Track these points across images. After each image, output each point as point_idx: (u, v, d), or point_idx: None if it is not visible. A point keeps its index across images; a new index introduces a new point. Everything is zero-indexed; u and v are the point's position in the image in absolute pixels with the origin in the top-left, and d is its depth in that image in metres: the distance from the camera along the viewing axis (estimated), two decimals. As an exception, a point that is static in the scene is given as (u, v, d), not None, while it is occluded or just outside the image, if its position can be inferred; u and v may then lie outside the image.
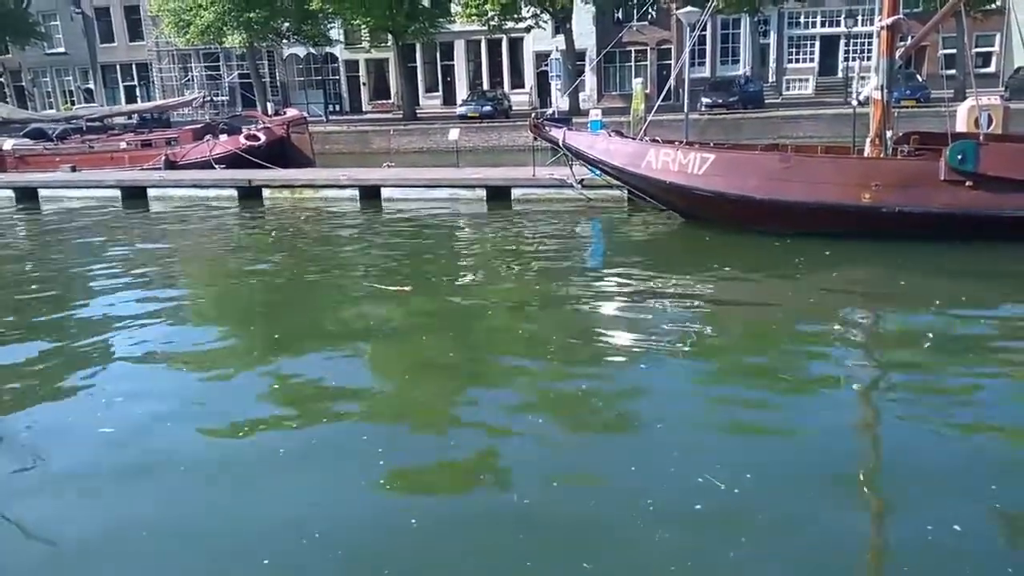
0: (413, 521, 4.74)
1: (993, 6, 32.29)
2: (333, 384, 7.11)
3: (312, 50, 43.88)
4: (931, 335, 8.17)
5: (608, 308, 9.58)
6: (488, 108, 36.06)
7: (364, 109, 46.83)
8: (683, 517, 4.74)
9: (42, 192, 20.81)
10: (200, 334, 8.93)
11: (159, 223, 17.30)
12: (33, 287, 11.64)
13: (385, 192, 17.84)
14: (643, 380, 7.00)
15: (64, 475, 5.56)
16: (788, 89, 42.89)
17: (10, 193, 20.91)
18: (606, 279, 11.20)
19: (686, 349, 7.85)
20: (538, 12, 36.04)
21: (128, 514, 5.02)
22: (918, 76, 35.04)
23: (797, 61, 43.55)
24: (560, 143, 14.15)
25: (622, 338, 8.35)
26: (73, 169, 22.67)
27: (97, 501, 5.23)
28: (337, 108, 46.23)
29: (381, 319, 9.18)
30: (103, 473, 5.58)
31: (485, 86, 43.67)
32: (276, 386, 7.08)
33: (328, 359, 7.82)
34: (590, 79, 41.09)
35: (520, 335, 8.52)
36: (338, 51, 45.83)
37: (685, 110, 20.01)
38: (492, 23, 35.74)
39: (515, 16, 35.73)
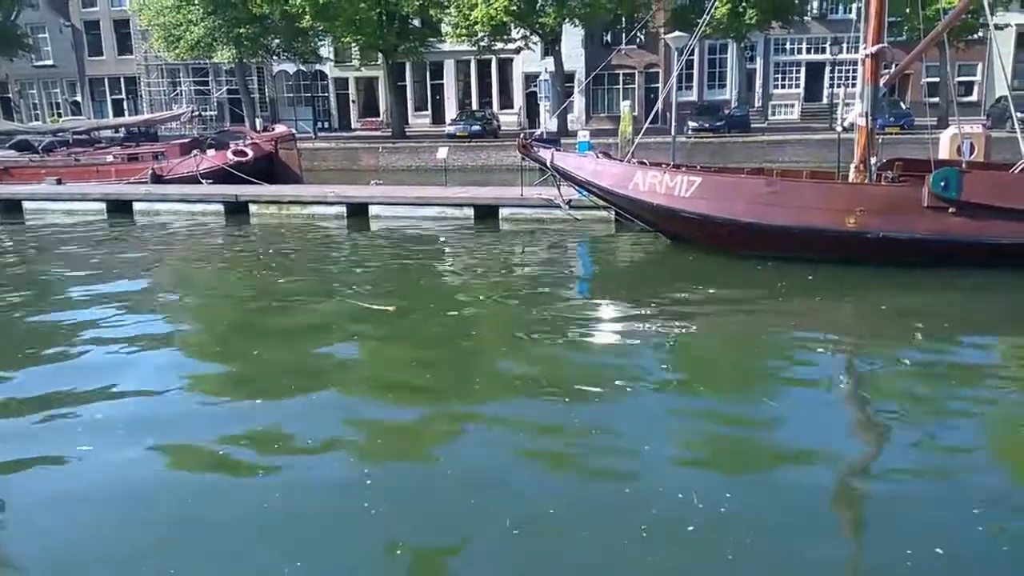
0: (399, 552, 4.68)
1: (975, 36, 32.82)
2: (313, 401, 7.05)
3: (302, 67, 43.97)
4: (913, 360, 8.25)
5: (592, 330, 9.58)
6: (477, 128, 36.23)
7: (353, 126, 46.96)
8: (676, 538, 4.73)
9: (26, 204, 20.66)
10: (180, 349, 8.87)
11: (144, 237, 17.19)
12: (10, 300, 11.51)
13: (373, 209, 17.83)
14: (628, 402, 6.98)
15: (42, 498, 5.49)
16: (774, 114, 43.35)
17: (-6, 205, 20.77)
18: (591, 300, 11.22)
19: (670, 371, 7.87)
20: (528, 34, 36.33)
21: (102, 540, 4.97)
22: (902, 104, 35.51)
23: (783, 87, 44.09)
24: (548, 164, 14.21)
25: (606, 359, 8.35)
26: (59, 182, 22.54)
27: (71, 524, 5.15)
28: (326, 125, 46.30)
29: (363, 337, 9.14)
30: (80, 496, 5.49)
31: (474, 106, 43.89)
32: (258, 401, 7.03)
33: (309, 376, 7.76)
34: (578, 101, 41.38)
35: (504, 355, 8.50)
36: (328, 68, 45.95)
37: (672, 133, 20.18)
38: (482, 44, 36.01)
39: (505, 37, 35.99)
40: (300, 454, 5.96)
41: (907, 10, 29.09)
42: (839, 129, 14.98)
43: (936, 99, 33.46)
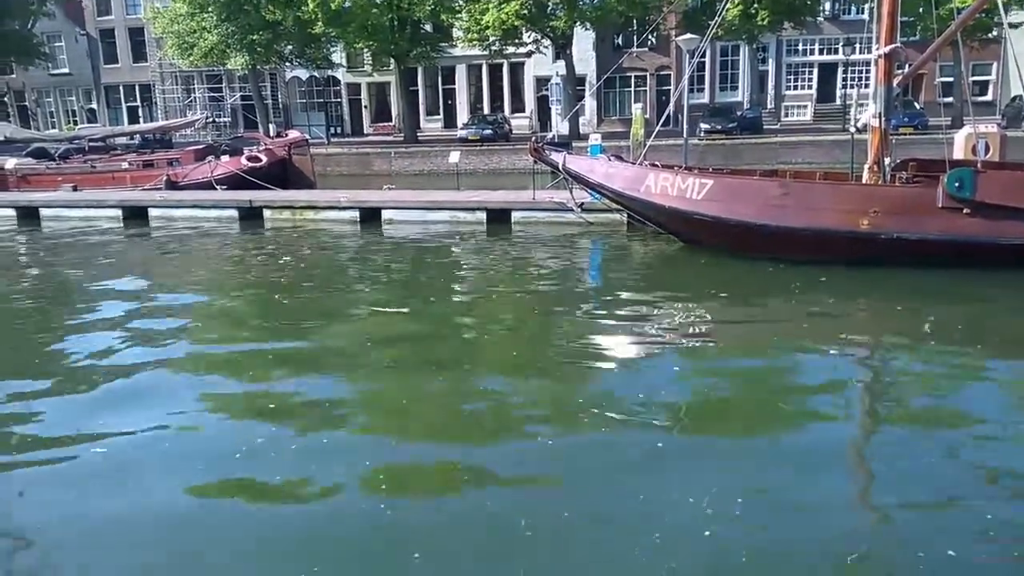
0: (416, 555, 4.68)
1: (990, 35, 32.60)
2: (328, 406, 7.09)
3: (314, 73, 44.20)
4: (927, 362, 8.20)
5: (605, 334, 9.56)
6: (489, 131, 36.28)
7: (365, 131, 47.15)
8: (690, 545, 4.73)
9: (43, 211, 20.86)
10: (195, 357, 8.90)
11: (160, 243, 17.33)
12: (27, 307, 11.63)
13: (385, 214, 17.91)
14: (642, 407, 6.98)
15: (61, 488, 5.55)
16: (787, 115, 43.21)
17: (11, 212, 20.97)
18: (604, 304, 11.21)
19: (683, 375, 7.85)
20: (539, 38, 36.36)
21: (115, 516, 5.03)
22: (916, 104, 35.31)
23: (795, 88, 43.92)
24: (560, 167, 14.22)
25: (619, 365, 8.34)
26: (75, 188, 22.72)
27: (87, 504, 5.21)
28: (339, 130, 46.49)
29: (377, 340, 9.16)
30: (98, 486, 5.57)
31: (486, 110, 43.97)
32: (272, 405, 7.07)
33: (323, 380, 7.81)
34: (590, 104, 41.38)
35: (518, 361, 8.50)
36: (340, 74, 46.18)
37: (684, 135, 20.13)
38: (493, 48, 36.08)
39: (516, 41, 36.05)
40: (313, 455, 5.99)
41: (920, 10, 28.96)
42: (853, 130, 14.93)
43: (950, 99, 33.27)
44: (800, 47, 43.26)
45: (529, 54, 38.19)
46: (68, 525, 5.15)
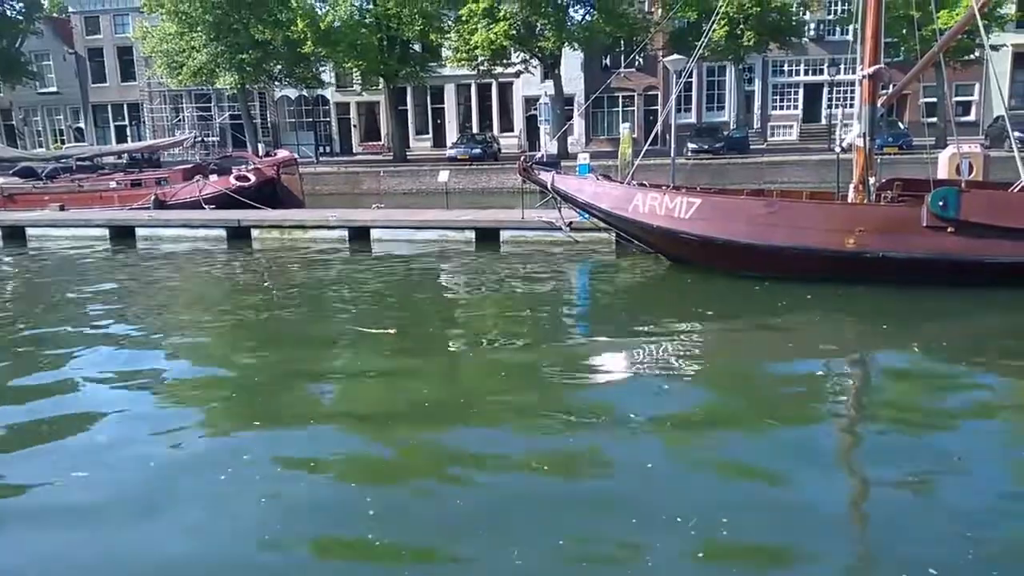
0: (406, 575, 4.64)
1: (972, 56, 33.06)
2: (313, 425, 7.05)
3: (303, 92, 44.29)
4: (912, 381, 8.25)
5: (593, 354, 9.57)
6: (478, 151, 36.41)
7: (355, 151, 47.19)
8: (676, 563, 4.72)
9: (30, 231, 20.75)
10: (182, 374, 8.87)
11: (147, 263, 17.24)
12: (11, 327, 11.53)
13: (374, 233, 17.91)
14: (628, 425, 6.96)
15: (38, 521, 5.49)
16: (773, 135, 43.57)
17: (-3, 231, 20.87)
18: (592, 323, 11.23)
19: (670, 394, 7.85)
20: (527, 58, 36.61)
21: (103, 555, 4.97)
22: (900, 124, 35.70)
23: (781, 108, 44.30)
24: (549, 186, 14.28)
25: (607, 384, 8.35)
26: (62, 208, 22.65)
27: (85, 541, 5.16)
28: (328, 149, 46.54)
29: (363, 361, 9.13)
30: (83, 510, 5.51)
31: (475, 129, 44.14)
32: (257, 422, 7.03)
33: (309, 401, 7.77)
34: (578, 123, 41.58)
35: (504, 379, 8.48)
36: (329, 93, 46.28)
37: (672, 155, 20.27)
38: (482, 68, 36.29)
39: (505, 61, 36.27)
40: (299, 478, 5.96)
41: (904, 31, 29.31)
42: (838, 150, 15.08)
43: (934, 119, 33.64)
44: (785, 68, 43.72)
45: (518, 74, 38.45)
46: (47, 554, 5.10)
